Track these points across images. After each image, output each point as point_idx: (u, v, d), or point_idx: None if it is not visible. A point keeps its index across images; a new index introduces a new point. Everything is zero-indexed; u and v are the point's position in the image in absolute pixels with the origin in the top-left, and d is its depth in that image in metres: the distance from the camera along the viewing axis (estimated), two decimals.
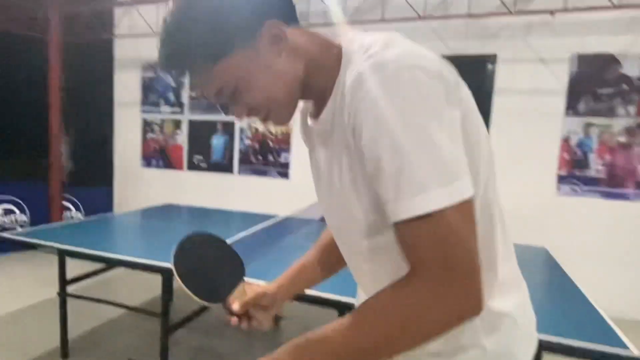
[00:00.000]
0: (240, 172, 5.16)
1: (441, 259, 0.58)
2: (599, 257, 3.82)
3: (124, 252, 2.25)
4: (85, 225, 2.89)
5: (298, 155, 4.85)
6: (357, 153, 0.66)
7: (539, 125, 3.97)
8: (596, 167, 3.86)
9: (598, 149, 3.84)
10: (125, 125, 5.74)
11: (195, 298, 0.85)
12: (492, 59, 4.06)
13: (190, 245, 0.92)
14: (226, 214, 3.71)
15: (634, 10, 3.48)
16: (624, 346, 1.43)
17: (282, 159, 4.96)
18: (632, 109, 3.73)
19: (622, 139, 3.77)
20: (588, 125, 3.84)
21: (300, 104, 0.79)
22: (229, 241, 0.97)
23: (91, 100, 5.73)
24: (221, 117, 5.18)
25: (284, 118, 0.75)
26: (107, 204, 5.73)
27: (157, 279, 3.97)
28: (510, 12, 3.73)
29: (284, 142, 4.94)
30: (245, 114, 0.74)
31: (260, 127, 5.01)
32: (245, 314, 0.93)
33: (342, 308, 1.96)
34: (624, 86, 3.73)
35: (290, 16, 0.72)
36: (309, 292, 1.18)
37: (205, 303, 0.88)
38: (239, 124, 5.08)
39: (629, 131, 3.75)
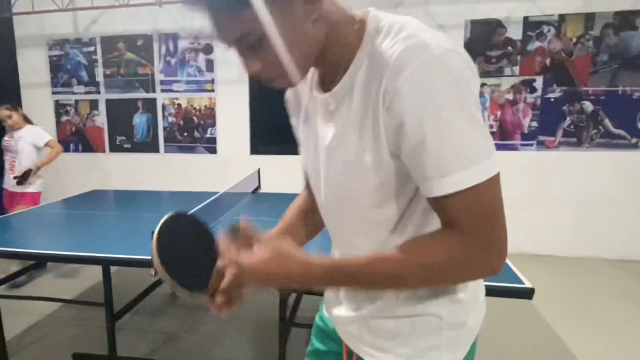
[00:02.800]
0: (166, 150, 4.86)
1: (483, 226, 0.62)
2: None
3: (57, 247, 2.05)
4: (8, 221, 2.58)
5: (224, 128, 4.63)
6: (387, 130, 0.64)
7: None
8: (490, 122, 4.16)
9: (490, 106, 4.13)
10: (35, 109, 5.10)
11: (181, 291, 0.74)
12: None
13: (172, 229, 0.79)
14: (157, 195, 3.51)
15: None
16: (520, 282, 1.55)
17: (208, 134, 4.71)
18: (516, 69, 4.02)
19: (509, 96, 4.08)
20: (482, 85, 4.10)
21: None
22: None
23: None
24: (140, 94, 4.80)
25: (293, 81, 0.70)
26: None
27: (90, 269, 3.70)
28: None
29: (209, 117, 4.66)
30: (258, 68, 0.67)
31: (183, 102, 4.72)
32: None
33: None
34: (509, 48, 4.00)
35: None
36: None
37: (188, 293, 0.75)
38: (163, 102, 4.75)
39: (514, 88, 4.06)
